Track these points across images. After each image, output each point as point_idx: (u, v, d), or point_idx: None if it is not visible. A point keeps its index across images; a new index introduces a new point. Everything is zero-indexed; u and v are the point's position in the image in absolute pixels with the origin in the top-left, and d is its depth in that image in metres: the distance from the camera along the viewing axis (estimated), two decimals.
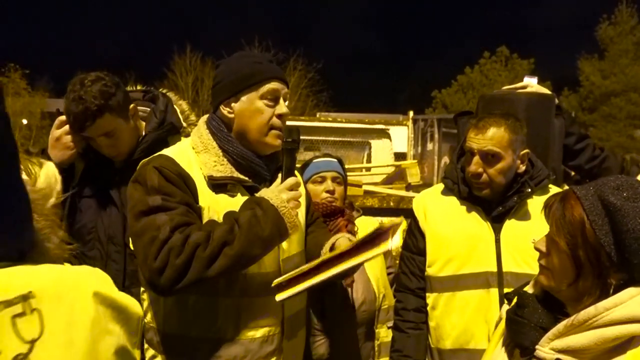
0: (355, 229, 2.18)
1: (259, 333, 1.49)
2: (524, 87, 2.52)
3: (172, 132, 1.96)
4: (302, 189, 1.73)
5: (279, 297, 1.41)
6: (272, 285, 1.42)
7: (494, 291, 1.75)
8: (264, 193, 1.46)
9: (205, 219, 1.46)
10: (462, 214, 1.84)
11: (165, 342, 1.53)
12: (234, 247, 1.36)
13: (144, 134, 1.93)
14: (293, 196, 1.47)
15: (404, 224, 1.48)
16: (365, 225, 2.26)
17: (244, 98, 1.53)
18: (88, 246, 1.89)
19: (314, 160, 2.21)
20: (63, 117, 1.84)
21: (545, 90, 2.58)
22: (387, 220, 3.33)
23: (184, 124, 2.02)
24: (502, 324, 1.21)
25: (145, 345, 1.59)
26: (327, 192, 2.11)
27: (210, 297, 1.46)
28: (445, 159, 6.01)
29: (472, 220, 1.82)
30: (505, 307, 1.24)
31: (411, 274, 1.89)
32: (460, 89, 28.85)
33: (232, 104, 1.53)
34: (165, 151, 1.54)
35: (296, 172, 1.74)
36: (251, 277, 1.48)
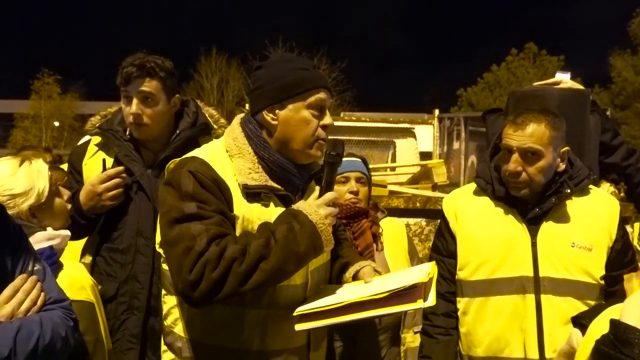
0: (380, 230, 2.13)
1: (284, 345, 1.45)
2: (557, 83, 2.43)
3: (204, 132, 2.01)
4: None
5: (299, 327, 1.37)
6: (294, 314, 1.38)
7: (530, 297, 1.67)
8: (302, 206, 1.41)
9: (239, 229, 1.41)
10: (496, 215, 1.76)
11: (187, 348, 1.50)
12: (269, 262, 1.32)
13: (177, 132, 1.98)
14: (331, 212, 1.42)
15: (435, 272, 1.43)
16: (391, 226, 2.22)
17: (290, 106, 1.48)
18: (117, 240, 1.92)
19: None
20: (110, 171, 1.88)
21: (578, 86, 2.48)
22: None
23: (215, 126, 2.07)
24: (583, 355, 1.07)
25: (164, 347, 1.57)
26: (351, 192, 2.06)
27: (237, 308, 1.42)
28: (473, 158, 5.87)
29: (506, 221, 1.74)
30: (577, 333, 1.11)
31: (441, 278, 1.81)
32: (486, 87, 28.37)
33: (277, 111, 1.48)
34: (199, 153, 1.50)
35: None
36: (279, 289, 1.44)
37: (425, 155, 6.63)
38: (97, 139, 2.02)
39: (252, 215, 1.43)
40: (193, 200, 1.37)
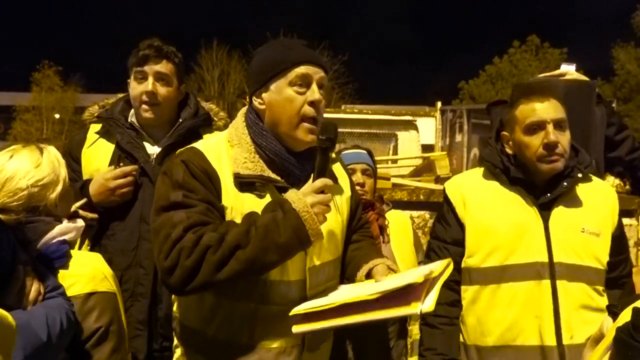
0: (386, 222, 2.13)
1: (275, 343, 1.41)
2: (562, 75, 2.42)
3: (206, 122, 2.05)
4: (346, 189, 1.61)
5: (296, 329, 1.31)
6: (290, 314, 1.32)
7: (546, 283, 1.63)
8: (289, 195, 1.35)
9: (228, 219, 1.39)
10: (507, 201, 1.72)
11: (184, 334, 1.52)
12: (246, 252, 1.28)
13: (180, 120, 2.01)
14: (320, 200, 1.33)
15: (447, 273, 1.33)
16: (396, 219, 2.21)
17: (272, 87, 1.42)
18: (119, 227, 1.92)
19: (343, 152, 2.16)
20: (126, 168, 1.88)
21: (584, 78, 2.47)
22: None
23: (215, 119, 2.10)
24: (606, 341, 1.07)
25: (174, 332, 1.60)
26: (357, 184, 2.04)
27: (228, 300, 1.41)
28: (475, 151, 5.84)
29: (518, 206, 1.70)
30: (609, 320, 1.10)
31: None
32: (488, 80, 28.27)
33: (263, 95, 1.44)
34: (199, 143, 1.50)
35: (341, 169, 1.63)
36: (271, 284, 1.39)
37: (427, 148, 6.60)
38: (96, 127, 2.01)
39: (242, 206, 1.39)
40: (181, 188, 1.37)
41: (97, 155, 1.95)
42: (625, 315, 1.05)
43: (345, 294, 1.36)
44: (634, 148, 2.52)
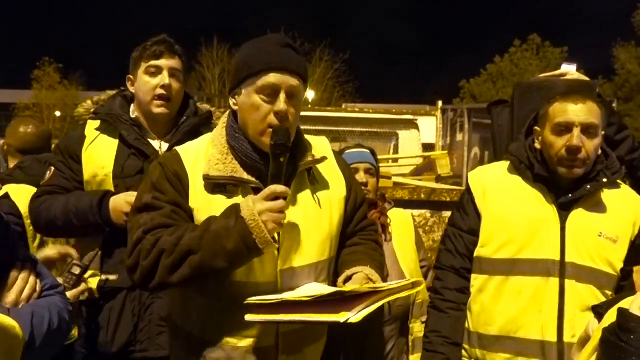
0: (388, 221, 2.15)
1: (243, 342, 1.41)
2: (563, 75, 2.43)
3: (208, 120, 2.05)
4: (340, 190, 1.55)
5: (249, 317, 1.30)
6: (244, 302, 1.31)
7: (554, 281, 1.65)
8: (242, 201, 1.32)
9: (195, 221, 1.39)
10: (527, 196, 1.73)
11: (171, 328, 1.60)
12: (197, 258, 1.29)
13: (184, 118, 2.01)
14: (268, 208, 1.28)
15: (402, 294, 1.35)
16: (398, 217, 2.23)
17: (243, 90, 1.40)
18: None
19: (346, 152, 2.17)
20: None
21: (584, 78, 2.48)
22: (417, 213, 3.27)
23: (213, 117, 2.10)
24: (593, 343, 1.08)
25: None
26: (360, 184, 2.05)
27: (203, 297, 1.43)
28: (476, 150, 5.84)
29: (537, 203, 1.72)
30: (594, 322, 1.12)
31: (457, 252, 1.79)
32: (489, 79, 28.26)
33: (236, 96, 1.43)
34: (182, 145, 1.52)
35: (336, 170, 1.57)
36: (237, 284, 1.38)
37: (428, 147, 6.60)
38: (94, 124, 1.97)
39: (210, 207, 1.38)
40: (154, 190, 1.40)
41: (100, 153, 1.91)
42: (611, 316, 1.06)
43: (298, 293, 1.36)
44: (634, 148, 2.53)
